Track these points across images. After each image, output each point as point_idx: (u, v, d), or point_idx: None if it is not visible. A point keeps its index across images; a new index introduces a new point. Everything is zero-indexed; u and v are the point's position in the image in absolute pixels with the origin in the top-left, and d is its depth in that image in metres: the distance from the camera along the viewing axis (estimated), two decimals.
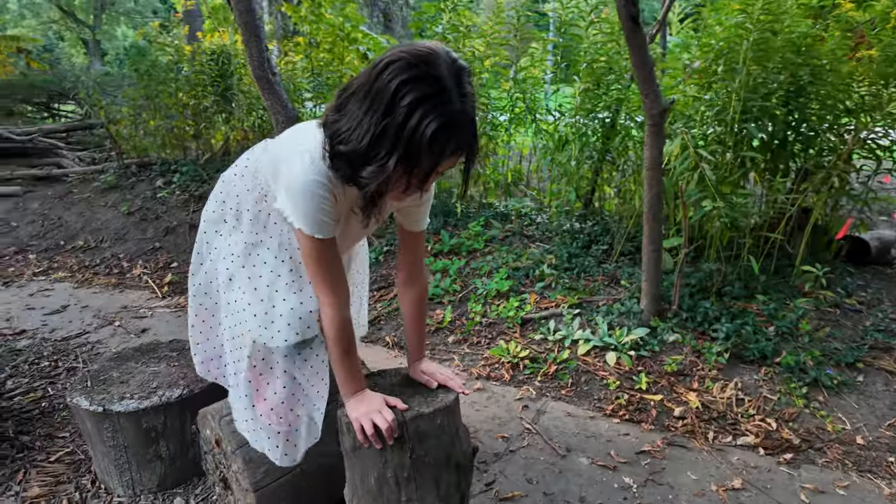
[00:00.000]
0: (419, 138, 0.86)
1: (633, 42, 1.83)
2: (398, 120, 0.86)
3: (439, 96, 0.86)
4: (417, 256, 1.26)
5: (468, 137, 0.92)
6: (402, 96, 0.85)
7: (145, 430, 1.51)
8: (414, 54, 0.87)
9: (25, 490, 1.55)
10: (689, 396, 2.03)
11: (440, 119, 0.86)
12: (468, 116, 0.90)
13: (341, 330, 1.10)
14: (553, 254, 3.04)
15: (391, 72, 0.86)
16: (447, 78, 0.87)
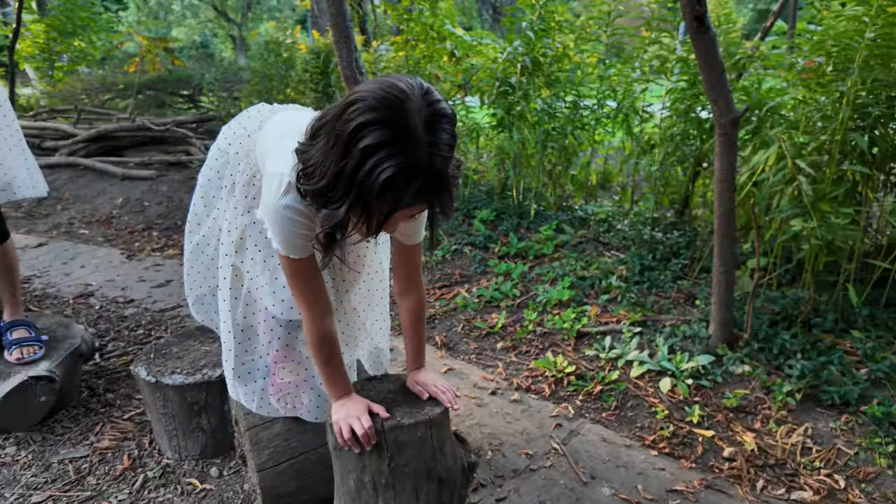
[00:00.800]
0: (370, 186, 0.83)
1: (698, 43, 1.67)
2: (352, 164, 0.84)
3: (399, 143, 0.83)
4: (412, 268, 1.27)
5: (431, 189, 0.87)
6: (359, 139, 0.83)
7: (189, 403, 1.67)
8: (381, 95, 0.83)
9: (98, 441, 1.79)
10: (744, 437, 1.83)
11: (394, 168, 0.82)
12: (433, 167, 0.85)
13: (320, 340, 1.15)
14: (625, 265, 2.88)
15: (353, 111, 0.84)
16: (415, 124, 0.83)
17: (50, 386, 1.78)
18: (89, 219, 4.66)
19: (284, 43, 5.32)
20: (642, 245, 3.03)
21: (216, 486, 1.61)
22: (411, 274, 1.27)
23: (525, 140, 3.51)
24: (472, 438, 1.85)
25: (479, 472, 1.69)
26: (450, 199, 0.92)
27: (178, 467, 1.69)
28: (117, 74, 9.32)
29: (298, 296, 1.13)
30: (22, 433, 1.81)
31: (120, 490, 1.59)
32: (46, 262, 3.62)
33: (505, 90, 3.54)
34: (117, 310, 2.86)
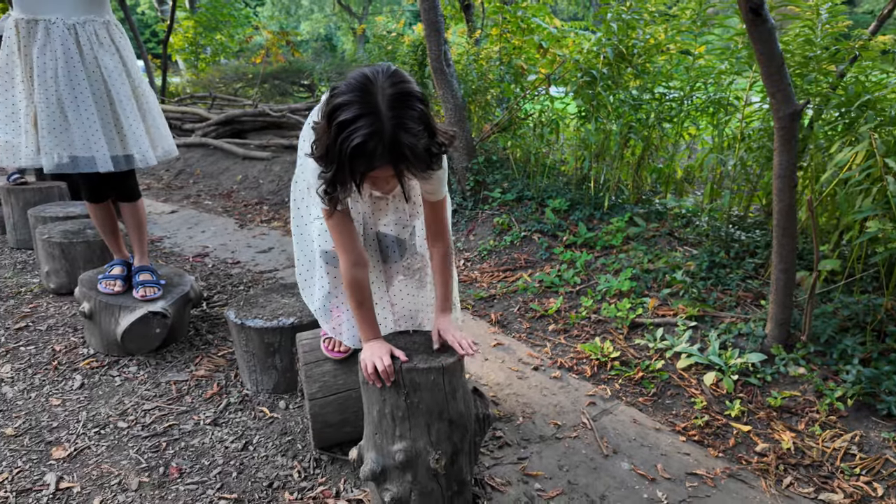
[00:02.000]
0: (345, 152, 1.07)
1: (755, 35, 1.66)
2: (332, 137, 1.09)
3: (364, 118, 1.05)
4: (437, 220, 1.45)
5: (394, 153, 1.09)
6: (335, 118, 1.07)
7: (266, 344, 1.99)
8: (351, 82, 1.08)
9: (196, 370, 2.18)
10: (783, 435, 1.81)
11: (361, 137, 1.05)
12: (395, 136, 1.07)
13: (351, 284, 1.36)
14: (695, 260, 2.83)
15: (332, 97, 1.09)
16: (376, 101, 1.06)
17: (163, 321, 2.19)
18: (213, 192, 5.34)
19: (388, 36, 5.66)
20: (717, 242, 2.95)
21: (282, 416, 1.91)
22: (438, 226, 1.46)
23: (607, 132, 3.52)
24: (507, 405, 2.00)
25: (508, 434, 1.84)
26: (419, 164, 1.12)
27: (255, 397, 2.01)
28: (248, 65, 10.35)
29: (335, 244, 1.37)
30: (142, 357, 2.24)
31: (207, 409, 1.94)
32: (176, 225, 4.24)
33: (588, 81, 3.57)
34: (225, 269, 3.33)
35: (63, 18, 1.98)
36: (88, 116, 2.01)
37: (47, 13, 1.96)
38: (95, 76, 2.03)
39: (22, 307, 2.71)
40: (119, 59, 2.10)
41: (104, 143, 2.04)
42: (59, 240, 2.77)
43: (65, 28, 1.98)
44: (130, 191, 2.30)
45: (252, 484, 1.60)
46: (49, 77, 1.97)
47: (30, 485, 1.57)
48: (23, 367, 2.17)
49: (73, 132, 2.00)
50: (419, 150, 1.11)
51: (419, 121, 1.10)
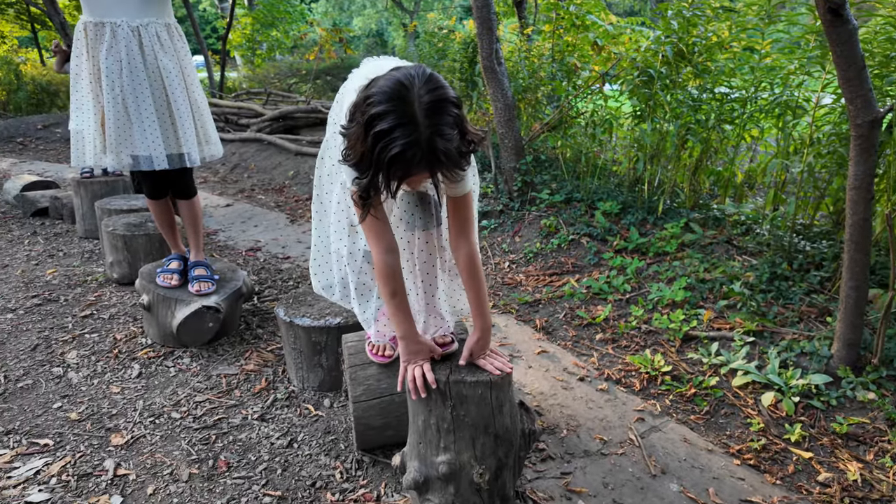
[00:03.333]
0: (383, 161, 1.06)
1: (833, 37, 1.55)
2: (369, 146, 1.07)
3: (401, 128, 1.04)
4: (460, 218, 1.37)
5: (431, 161, 1.08)
6: (372, 127, 1.05)
7: (313, 342, 2.02)
8: (388, 90, 1.06)
9: (246, 364, 2.24)
10: (849, 465, 1.69)
11: (399, 147, 1.04)
12: (432, 144, 1.06)
13: (382, 273, 1.33)
14: (755, 271, 2.70)
15: (368, 105, 1.07)
16: (413, 111, 1.05)
17: (216, 315, 2.26)
18: (266, 187, 5.49)
19: (439, 33, 5.65)
20: (779, 252, 2.79)
21: (326, 414, 1.94)
22: (461, 225, 1.37)
23: (663, 132, 3.40)
24: (550, 416, 1.95)
25: (551, 446, 1.80)
26: (452, 167, 1.13)
27: (300, 394, 2.05)
28: (302, 61, 10.58)
29: (366, 234, 1.35)
30: (195, 349, 2.32)
31: (255, 404, 1.99)
32: (230, 219, 4.38)
33: (645, 80, 3.44)
34: (276, 263, 3.41)
35: (128, 21, 2.06)
36: (148, 116, 2.09)
37: (113, 16, 2.05)
38: (155, 77, 2.11)
39: (88, 295, 2.85)
40: (177, 60, 2.17)
41: (161, 142, 2.12)
42: (122, 232, 2.90)
43: (129, 30, 2.06)
44: (187, 188, 2.38)
45: (295, 482, 1.62)
46: (115, 78, 2.05)
47: (90, 469, 1.65)
48: (87, 353, 2.29)
49: (135, 132, 2.08)
50: (453, 154, 1.10)
51: (454, 126, 1.10)
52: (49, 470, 1.64)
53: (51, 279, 3.07)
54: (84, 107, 2.15)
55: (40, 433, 1.80)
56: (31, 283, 3.00)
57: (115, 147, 2.08)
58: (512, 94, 3.74)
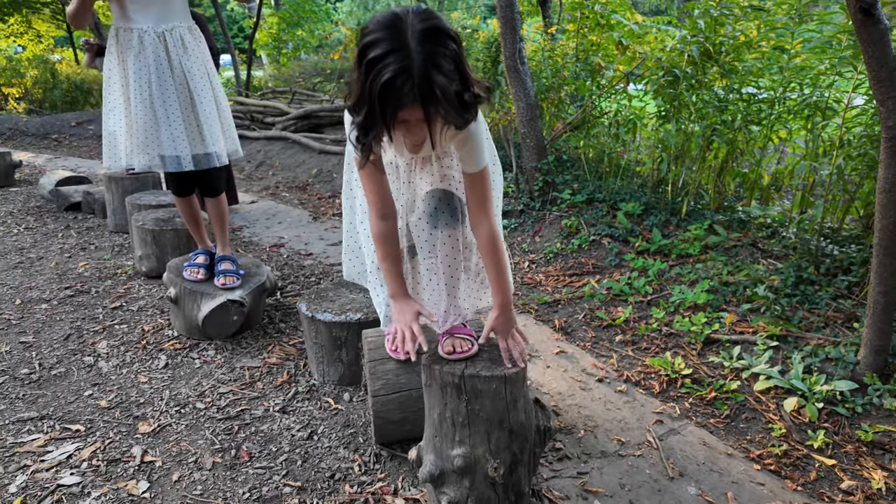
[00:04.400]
0: (374, 90, 1.03)
1: (864, 37, 1.52)
2: (363, 77, 1.05)
3: (393, 54, 1.01)
4: (478, 197, 1.36)
5: (423, 91, 1.03)
6: (365, 56, 1.04)
7: (334, 337, 2.05)
8: (381, 20, 1.05)
9: (268, 357, 2.28)
10: (873, 474, 1.66)
11: (390, 72, 1.01)
12: (425, 72, 1.02)
13: (377, 236, 1.38)
14: (780, 275, 2.65)
15: (362, 37, 1.07)
16: (407, 39, 1.02)
17: (241, 309, 2.31)
18: (290, 184, 5.57)
19: (463, 32, 5.66)
20: (805, 255, 2.74)
21: (345, 408, 1.97)
22: (478, 203, 1.36)
23: (688, 133, 3.36)
24: (568, 416, 1.96)
25: (568, 446, 1.81)
26: (450, 108, 1.07)
27: (321, 387, 2.09)
28: (326, 61, 10.69)
29: (364, 188, 1.37)
30: (219, 342, 2.38)
31: (277, 396, 2.03)
32: (255, 216, 4.46)
33: (670, 80, 3.41)
34: (299, 259, 3.46)
35: (153, 27, 2.12)
36: (175, 118, 2.16)
37: (139, 23, 2.11)
38: (180, 79, 2.17)
39: (117, 288, 2.94)
40: (201, 62, 2.23)
41: (187, 144, 2.18)
42: (151, 227, 2.98)
43: (155, 36, 2.13)
44: (214, 186, 2.44)
45: (315, 473, 1.66)
46: (143, 82, 2.12)
47: (119, 455, 1.71)
48: (116, 344, 2.36)
49: (162, 134, 2.15)
50: (450, 94, 1.05)
51: (451, 60, 1.06)
52: (80, 455, 1.70)
53: (83, 271, 3.17)
54: (116, 109, 2.22)
55: (72, 419, 1.87)
56: (65, 275, 3.10)
57: (142, 149, 2.15)
58: (535, 93, 3.74)
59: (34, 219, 4.25)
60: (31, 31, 14.47)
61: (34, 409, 1.92)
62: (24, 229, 3.98)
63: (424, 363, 1.40)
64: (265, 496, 1.56)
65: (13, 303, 2.74)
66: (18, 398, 1.98)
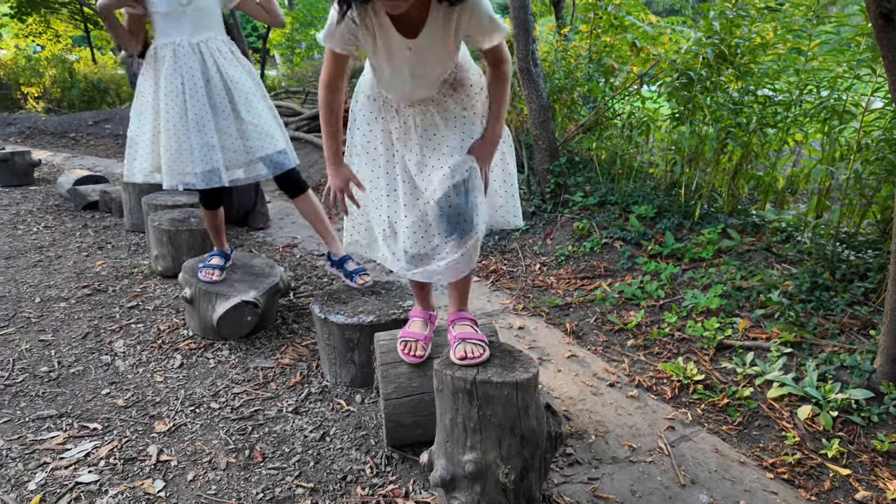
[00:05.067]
0: None
1: (884, 42, 1.50)
2: None
3: None
4: (492, 57, 1.45)
5: None
6: None
7: (346, 339, 2.07)
8: None
9: (281, 358, 2.31)
10: (889, 484, 1.64)
11: None
12: None
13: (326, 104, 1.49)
14: (794, 280, 2.63)
15: None
16: None
17: (255, 309, 2.34)
18: None
19: None
20: (821, 261, 2.71)
21: (357, 410, 1.99)
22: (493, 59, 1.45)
23: (702, 135, 3.33)
24: (579, 421, 1.96)
25: (579, 451, 1.81)
26: None
27: (333, 389, 2.11)
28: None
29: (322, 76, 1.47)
30: (233, 342, 2.41)
31: (290, 397, 2.05)
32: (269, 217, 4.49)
33: (685, 83, 3.38)
34: (312, 260, 3.49)
35: (188, 39, 2.14)
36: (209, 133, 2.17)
37: (174, 36, 2.13)
38: (219, 89, 2.19)
39: (134, 287, 2.99)
40: (246, 69, 2.26)
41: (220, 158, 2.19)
42: (167, 227, 3.03)
43: (189, 48, 2.14)
44: (295, 184, 2.45)
45: (327, 475, 1.67)
46: (173, 98, 2.14)
47: (135, 454, 1.74)
48: (133, 343, 2.40)
49: (195, 150, 2.17)
50: None
51: None
52: (98, 453, 1.73)
53: (100, 270, 3.22)
54: (143, 117, 2.24)
55: (90, 417, 1.91)
56: (82, 274, 3.16)
57: (173, 166, 2.17)
58: (547, 95, 3.73)
59: (53, 217, 4.32)
60: (50, 30, 14.69)
61: (53, 406, 1.96)
62: (43, 228, 4.05)
63: (437, 368, 1.41)
64: (278, 497, 1.58)
65: (33, 301, 2.79)
66: (38, 396, 2.02)
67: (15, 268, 3.24)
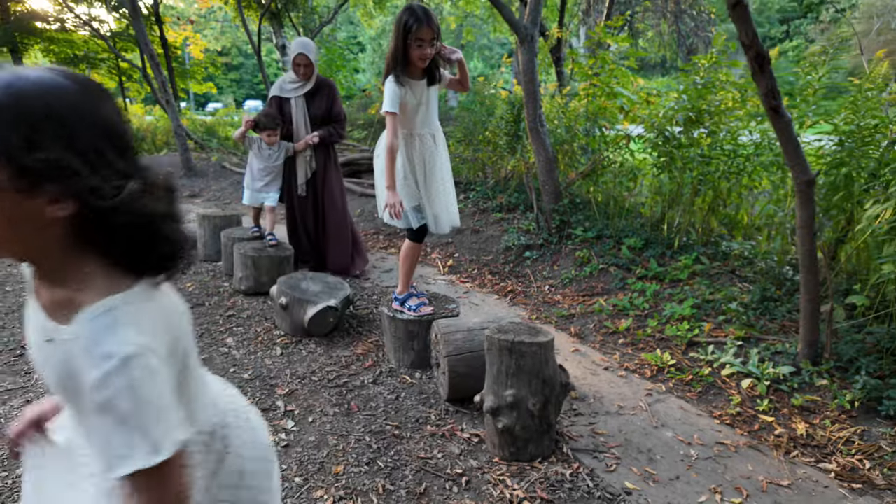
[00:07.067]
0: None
1: (775, 125, 2.30)
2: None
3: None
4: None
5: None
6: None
7: (409, 331, 2.81)
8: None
9: (355, 349, 3.04)
10: (798, 425, 2.35)
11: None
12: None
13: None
14: (749, 294, 3.37)
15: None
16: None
17: (335, 312, 3.09)
18: None
19: (488, 94, 6.59)
20: (770, 279, 3.46)
21: (418, 383, 2.70)
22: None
23: (680, 182, 4.14)
24: (581, 390, 2.67)
25: (581, 409, 2.51)
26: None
27: (398, 369, 2.83)
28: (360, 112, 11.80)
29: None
30: (318, 339, 3.14)
31: (367, 374, 2.77)
32: None
33: (664, 139, 4.22)
34: (359, 283, 4.25)
35: (429, 131, 2.86)
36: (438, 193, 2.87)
37: (421, 129, 2.83)
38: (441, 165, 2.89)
39: (224, 302, 3.74)
40: (447, 155, 2.95)
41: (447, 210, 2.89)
42: (252, 254, 3.80)
43: (430, 136, 2.85)
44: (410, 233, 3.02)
45: (405, 419, 2.38)
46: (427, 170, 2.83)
47: (268, 406, 2.45)
48: (240, 340, 3.14)
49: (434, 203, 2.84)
50: None
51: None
52: None
53: (192, 290, 3.98)
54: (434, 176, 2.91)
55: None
56: (179, 293, 3.91)
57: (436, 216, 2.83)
58: (552, 148, 4.57)
59: None
60: None
61: None
62: None
63: (487, 335, 2.15)
64: (374, 430, 2.29)
65: None
66: None
67: None
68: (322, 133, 4.06)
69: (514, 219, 5.18)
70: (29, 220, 0.68)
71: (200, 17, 26.46)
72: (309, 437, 2.24)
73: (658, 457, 2.18)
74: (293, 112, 4.05)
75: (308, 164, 4.15)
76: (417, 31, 2.40)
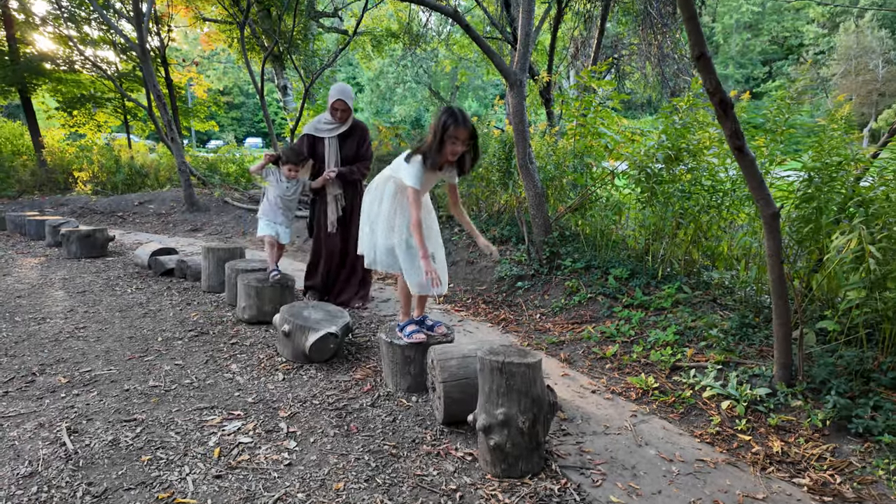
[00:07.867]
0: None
1: (741, 163, 2.52)
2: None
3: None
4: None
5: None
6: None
7: (406, 356, 2.95)
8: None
9: (354, 374, 3.17)
10: (774, 443, 2.49)
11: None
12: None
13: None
14: (729, 321, 3.54)
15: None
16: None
17: (336, 339, 3.23)
18: None
19: (482, 133, 6.90)
20: (749, 307, 3.64)
21: (414, 405, 2.84)
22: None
23: (663, 216, 4.36)
24: (570, 412, 2.81)
25: (569, 429, 2.65)
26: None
27: (395, 393, 2.96)
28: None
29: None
30: (318, 364, 3.27)
31: (366, 398, 2.90)
32: None
33: (646, 176, 4.46)
34: (358, 312, 4.40)
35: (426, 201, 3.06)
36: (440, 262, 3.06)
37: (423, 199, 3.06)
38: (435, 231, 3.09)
39: (228, 330, 3.88)
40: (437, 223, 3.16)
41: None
42: (255, 284, 3.97)
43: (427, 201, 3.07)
44: None
45: (402, 439, 2.51)
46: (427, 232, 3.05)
47: (271, 427, 2.58)
48: (244, 366, 3.27)
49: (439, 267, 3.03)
50: None
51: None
52: (246, 427, 2.57)
53: (197, 319, 4.12)
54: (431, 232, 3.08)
55: (233, 408, 2.75)
56: (184, 322, 4.05)
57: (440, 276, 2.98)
58: (542, 185, 4.80)
59: (139, 282, 5.27)
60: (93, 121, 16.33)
61: (205, 401, 2.81)
62: (136, 289, 4.98)
63: (480, 356, 2.30)
64: (373, 449, 2.42)
65: (157, 340, 3.68)
66: (191, 396, 2.87)
67: (130, 317, 4.14)
68: (344, 170, 4.27)
69: (506, 250, 5.38)
70: None
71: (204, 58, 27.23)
72: (311, 457, 2.36)
73: (642, 473, 2.31)
74: (326, 151, 4.28)
75: (338, 202, 4.35)
76: (455, 130, 2.66)
